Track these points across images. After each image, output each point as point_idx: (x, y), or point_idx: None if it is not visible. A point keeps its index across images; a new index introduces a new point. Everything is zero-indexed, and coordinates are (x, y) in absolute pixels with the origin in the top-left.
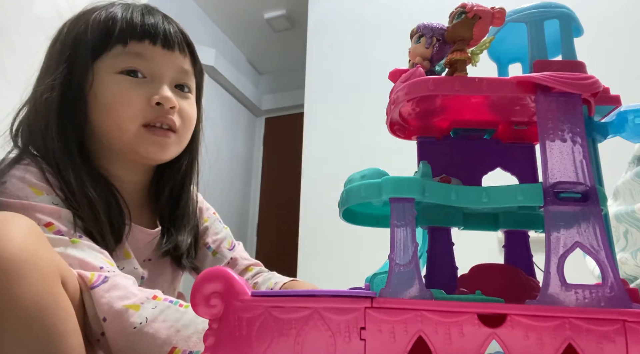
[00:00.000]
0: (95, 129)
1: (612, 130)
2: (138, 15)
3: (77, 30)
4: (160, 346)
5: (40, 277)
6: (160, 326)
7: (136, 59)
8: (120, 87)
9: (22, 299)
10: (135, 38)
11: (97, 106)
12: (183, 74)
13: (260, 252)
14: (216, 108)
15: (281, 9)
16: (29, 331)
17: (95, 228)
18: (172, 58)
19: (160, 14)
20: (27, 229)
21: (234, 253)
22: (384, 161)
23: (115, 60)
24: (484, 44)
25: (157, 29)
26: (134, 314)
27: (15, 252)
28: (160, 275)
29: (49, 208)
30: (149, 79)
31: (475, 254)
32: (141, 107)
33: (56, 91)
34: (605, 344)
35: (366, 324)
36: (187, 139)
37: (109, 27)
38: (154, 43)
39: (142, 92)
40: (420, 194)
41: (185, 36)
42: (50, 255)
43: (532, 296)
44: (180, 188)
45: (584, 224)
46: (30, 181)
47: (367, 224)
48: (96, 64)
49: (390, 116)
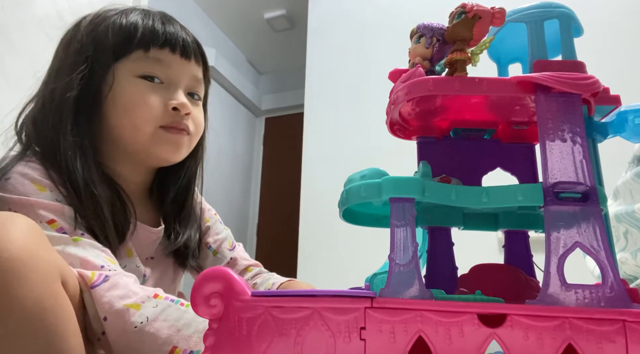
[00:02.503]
0: (110, 129)
1: (612, 130)
2: (159, 24)
3: (98, 32)
4: (161, 345)
5: (40, 277)
6: (161, 326)
7: (155, 64)
8: (139, 90)
9: (22, 300)
10: (156, 45)
11: (114, 107)
12: (196, 82)
13: (260, 252)
14: (216, 108)
15: (281, 9)
16: (29, 332)
17: (98, 226)
18: (188, 66)
19: (178, 24)
20: (27, 229)
21: (234, 253)
22: (384, 161)
23: (136, 64)
24: (484, 44)
25: (177, 37)
26: (135, 313)
27: (15, 252)
28: (163, 274)
29: (52, 205)
30: (165, 84)
31: (475, 254)
32: (158, 111)
33: (74, 89)
34: (605, 344)
35: (366, 324)
36: (195, 144)
37: (131, 32)
38: (173, 51)
39: (159, 96)
40: (420, 194)
41: (200, 46)
42: (50, 255)
43: (532, 296)
44: (186, 191)
45: (584, 224)
46: (33, 178)
47: (367, 224)
48: (116, 66)
49: (390, 116)
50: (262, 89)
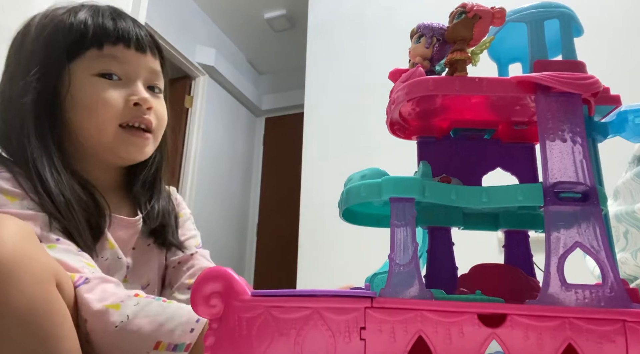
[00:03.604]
0: (73, 130)
1: (612, 130)
2: (109, 20)
3: (48, 33)
4: (145, 341)
5: (33, 279)
6: (142, 322)
7: (111, 61)
8: (97, 89)
9: (15, 303)
10: (109, 42)
11: (75, 108)
12: (154, 75)
13: (260, 252)
14: (216, 108)
15: (281, 9)
16: (23, 335)
17: (73, 226)
18: (145, 60)
19: (130, 18)
20: (20, 230)
21: (199, 250)
22: (384, 161)
23: (91, 63)
24: (484, 43)
25: (129, 32)
26: (115, 313)
27: (8, 254)
28: (147, 262)
29: (24, 214)
30: (124, 81)
31: (475, 254)
32: (119, 108)
33: (30, 93)
34: (605, 344)
35: (366, 324)
36: (160, 137)
37: (82, 31)
38: (128, 46)
39: (119, 93)
40: (420, 194)
41: (154, 39)
42: (44, 257)
43: (532, 296)
44: (152, 180)
45: (584, 224)
46: (2, 188)
47: (367, 224)
48: (71, 66)
49: (390, 116)
50: (262, 89)
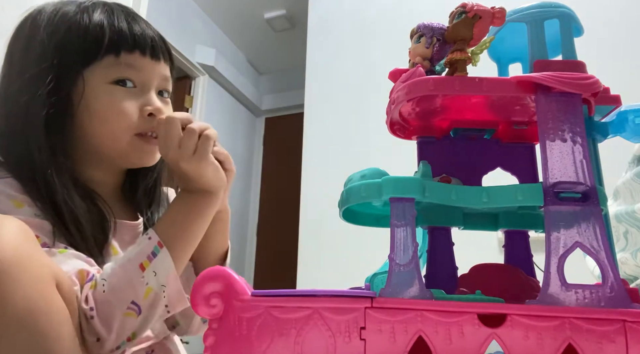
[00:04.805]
0: (86, 137)
1: (612, 130)
2: (124, 23)
3: (61, 35)
4: (130, 279)
5: (33, 280)
6: (120, 270)
7: (127, 69)
8: (113, 97)
9: (14, 304)
10: (126, 49)
11: (89, 116)
12: (166, 81)
13: (260, 253)
14: (216, 108)
15: (281, 9)
16: (22, 336)
17: (78, 236)
18: (158, 67)
19: (143, 20)
20: (19, 231)
21: None
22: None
23: (108, 70)
24: (484, 43)
25: (145, 38)
26: (97, 285)
27: (7, 255)
28: None
29: (31, 221)
30: (138, 88)
31: (475, 254)
32: (135, 118)
33: (42, 101)
34: (605, 344)
35: (366, 324)
36: None
37: (99, 36)
38: (144, 54)
39: (134, 102)
40: (420, 194)
41: (165, 43)
42: (43, 258)
43: (532, 296)
44: (153, 186)
45: (584, 224)
46: (10, 194)
47: (367, 224)
48: (85, 73)
49: (390, 116)
50: (262, 89)
